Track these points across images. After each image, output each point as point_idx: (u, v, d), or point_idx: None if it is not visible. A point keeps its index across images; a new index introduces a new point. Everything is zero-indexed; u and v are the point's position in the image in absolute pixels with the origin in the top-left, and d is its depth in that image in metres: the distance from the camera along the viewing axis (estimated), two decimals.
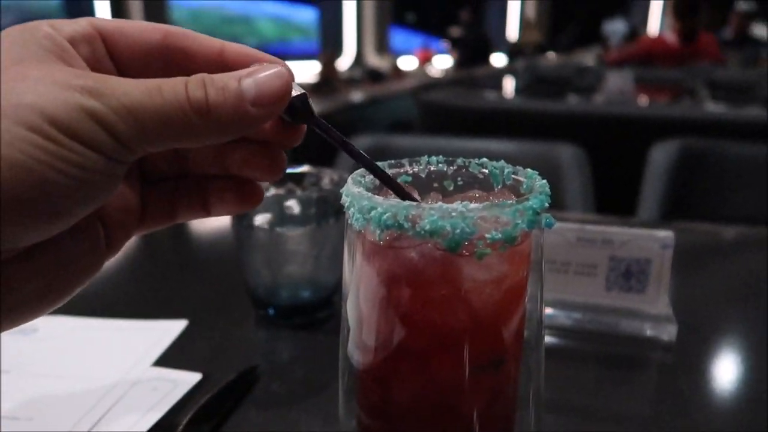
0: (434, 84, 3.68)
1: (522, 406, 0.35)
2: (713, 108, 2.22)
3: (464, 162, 0.36)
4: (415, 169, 0.37)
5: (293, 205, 0.60)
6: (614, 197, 1.37)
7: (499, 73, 4.80)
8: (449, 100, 2.22)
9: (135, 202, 0.31)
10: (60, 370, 0.50)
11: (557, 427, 0.47)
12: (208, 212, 0.33)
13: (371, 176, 0.34)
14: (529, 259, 0.32)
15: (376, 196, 0.29)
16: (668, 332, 0.59)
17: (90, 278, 0.29)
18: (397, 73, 6.06)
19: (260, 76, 0.27)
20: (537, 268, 0.33)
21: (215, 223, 0.99)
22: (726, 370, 0.56)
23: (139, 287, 0.74)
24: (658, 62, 3.90)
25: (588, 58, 5.85)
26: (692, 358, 0.57)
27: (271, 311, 0.63)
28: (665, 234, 0.59)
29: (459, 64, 6.87)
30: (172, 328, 0.57)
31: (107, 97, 0.23)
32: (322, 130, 0.30)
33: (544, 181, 0.31)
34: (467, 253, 0.29)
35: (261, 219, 0.60)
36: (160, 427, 0.43)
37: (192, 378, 0.48)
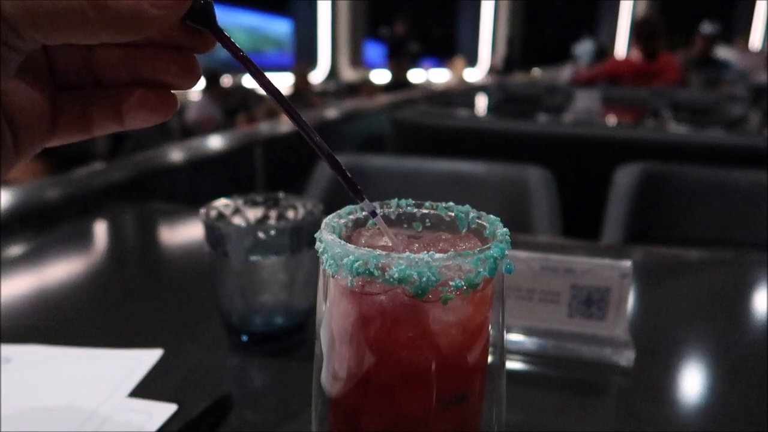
0: (408, 100, 3.72)
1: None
2: (676, 130, 2.30)
3: (432, 205, 0.39)
4: (386, 211, 0.39)
5: (267, 235, 0.61)
6: (580, 218, 1.41)
7: (472, 91, 4.87)
8: (421, 119, 2.25)
9: (44, 106, 0.31)
10: (34, 401, 0.50)
11: None
12: (121, 122, 0.33)
13: (345, 220, 0.36)
14: (491, 302, 0.34)
15: (349, 245, 0.31)
16: (626, 357, 0.62)
17: None
18: (369, 89, 6.11)
19: None
20: (498, 306, 0.35)
21: (189, 250, 1.00)
22: (682, 394, 0.59)
23: (114, 315, 0.74)
24: (624, 81, 4.05)
25: (561, 75, 5.98)
26: (649, 382, 0.60)
27: (244, 338, 0.65)
28: (624, 264, 0.62)
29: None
30: (147, 358, 0.57)
31: None
32: (222, 41, 0.31)
33: (506, 229, 0.34)
34: (433, 299, 0.31)
35: (235, 248, 0.61)
36: None
37: (168, 409, 0.49)
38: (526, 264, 0.64)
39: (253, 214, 0.66)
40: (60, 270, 0.90)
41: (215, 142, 2.08)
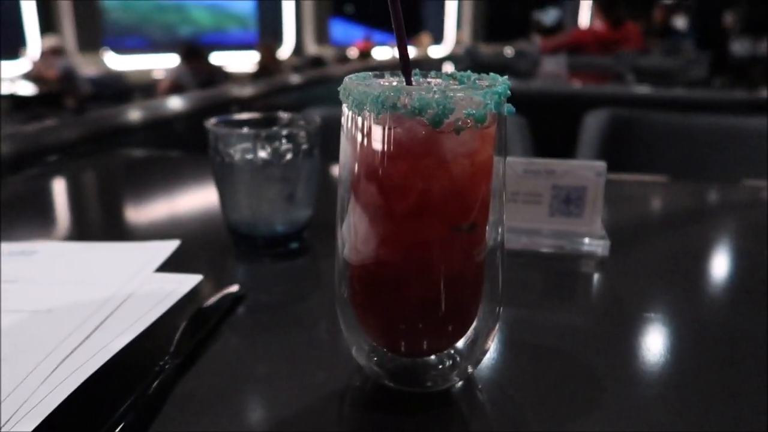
0: (377, 68, 3.74)
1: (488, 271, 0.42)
2: (638, 87, 2.39)
3: (436, 74, 0.43)
4: (395, 81, 0.43)
5: (269, 142, 0.65)
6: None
7: (440, 61, 4.92)
8: None
9: None
10: (62, 282, 0.53)
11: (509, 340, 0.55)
12: None
13: (363, 81, 0.40)
14: (494, 141, 0.39)
15: (372, 81, 0.36)
16: (603, 247, 0.68)
17: None
18: (342, 60, 6.11)
19: None
20: (500, 152, 0.40)
21: (193, 178, 1.03)
22: (651, 272, 0.66)
23: (124, 215, 0.77)
24: (589, 50, 4.14)
25: (525, 44, 6.06)
26: (624, 266, 0.66)
27: (249, 243, 0.69)
28: (599, 164, 0.68)
29: None
30: (166, 247, 0.61)
31: None
32: None
33: (506, 77, 0.39)
34: (447, 130, 0.36)
35: (239, 157, 0.65)
36: (167, 325, 0.48)
37: (194, 278, 0.53)
38: (510, 167, 0.69)
39: (255, 125, 0.69)
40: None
41: (177, 102, 1.99)
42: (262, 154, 0.64)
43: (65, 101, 5.86)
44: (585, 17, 11.52)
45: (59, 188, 1.07)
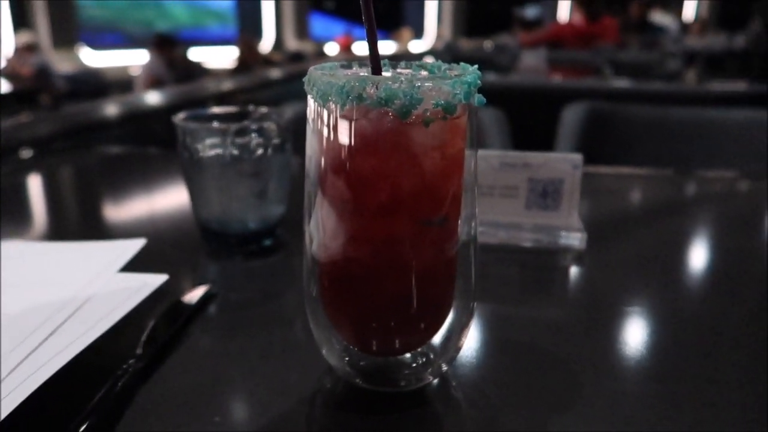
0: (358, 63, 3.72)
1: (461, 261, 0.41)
2: (616, 81, 2.40)
3: (406, 64, 0.42)
4: (363, 72, 0.42)
5: (240, 136, 0.63)
6: None
7: (420, 56, 4.90)
8: None
9: None
10: (23, 283, 0.51)
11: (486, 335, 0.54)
12: None
13: (329, 71, 0.39)
14: (465, 134, 0.38)
15: (338, 72, 0.34)
16: (580, 240, 0.67)
17: None
18: (321, 56, 6.08)
19: None
20: (472, 144, 0.39)
21: (168, 175, 1.01)
22: (627, 264, 0.65)
23: (95, 212, 0.75)
24: (567, 45, 4.17)
25: (505, 38, 6.08)
26: (600, 259, 0.66)
27: (220, 240, 0.67)
28: (575, 156, 0.67)
29: None
30: (132, 245, 0.59)
31: None
32: None
33: (476, 66, 0.37)
34: (416, 121, 0.34)
35: (209, 153, 0.63)
36: (133, 326, 0.47)
37: (160, 278, 0.52)
38: (486, 161, 0.68)
39: (225, 120, 0.68)
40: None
41: (154, 97, 1.97)
42: (232, 149, 0.62)
43: (40, 99, 5.75)
44: (564, 13, 11.59)
45: (33, 185, 1.04)
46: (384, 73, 0.40)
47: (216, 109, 0.70)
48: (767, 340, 0.49)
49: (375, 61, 0.37)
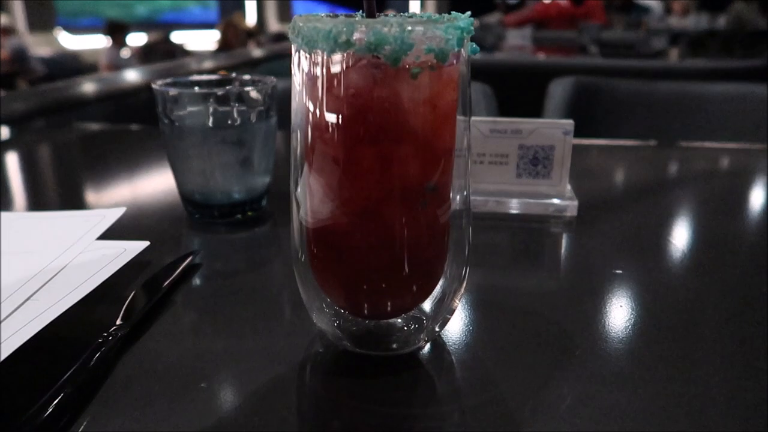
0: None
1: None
2: (602, 59, 2.40)
3: (395, 14, 0.40)
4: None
5: (223, 103, 0.61)
6: None
7: None
8: None
9: None
10: (2, 249, 0.49)
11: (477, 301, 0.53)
12: None
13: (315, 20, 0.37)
14: (457, 85, 0.36)
15: (324, 18, 0.33)
16: (571, 207, 0.66)
17: None
18: None
19: None
20: (464, 111, 0.37)
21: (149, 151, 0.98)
22: (619, 231, 0.65)
23: (75, 188, 0.73)
24: (552, 24, 4.15)
25: (488, 19, 6.04)
26: (592, 226, 0.65)
27: (204, 212, 0.65)
28: (566, 122, 0.66)
29: None
30: (111, 214, 0.57)
31: None
32: None
33: (468, 12, 0.36)
34: (406, 66, 0.33)
35: (190, 120, 0.61)
36: (116, 293, 0.45)
37: (141, 244, 0.50)
38: (476, 128, 0.67)
39: (207, 86, 0.66)
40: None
41: (134, 75, 1.92)
42: (214, 116, 0.60)
43: (17, 82, 5.63)
44: None
45: (11, 162, 1.00)
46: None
47: (197, 77, 0.67)
48: (754, 302, 0.48)
49: (369, 6, 0.35)
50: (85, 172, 0.94)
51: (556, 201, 0.67)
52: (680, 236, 0.66)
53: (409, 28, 0.32)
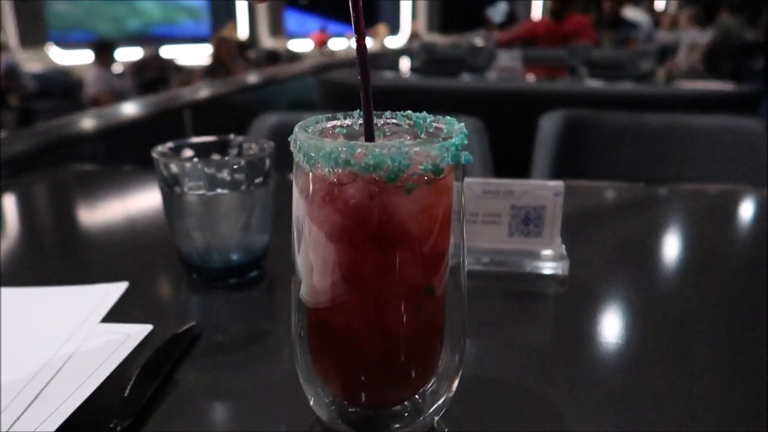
0: (332, 65, 3.70)
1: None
2: (591, 83, 2.43)
3: (392, 114, 0.42)
4: (348, 122, 0.41)
5: (221, 172, 0.62)
6: (510, 163, 1.48)
7: (396, 54, 4.90)
8: (351, 79, 2.27)
9: None
10: (7, 331, 0.50)
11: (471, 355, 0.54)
12: None
13: (313, 128, 0.38)
14: (451, 193, 0.38)
15: (325, 139, 0.34)
16: (562, 267, 0.68)
17: None
18: (294, 59, 6.02)
19: None
20: (458, 207, 0.39)
21: (144, 195, 0.99)
22: (610, 292, 0.66)
23: (75, 255, 0.74)
24: (541, 42, 4.20)
25: (477, 39, 6.10)
26: (583, 287, 0.67)
27: (203, 274, 0.66)
28: (556, 183, 0.68)
29: None
30: (114, 290, 0.58)
31: None
32: None
33: (462, 124, 0.37)
34: (401, 184, 0.34)
35: (191, 185, 0.62)
36: (117, 377, 0.46)
37: (144, 329, 0.51)
38: (469, 189, 0.69)
39: (206, 152, 0.67)
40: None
41: (131, 108, 1.95)
42: (214, 186, 0.62)
43: (8, 99, 5.62)
44: (537, 11, 11.66)
45: (8, 206, 1.01)
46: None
47: (196, 139, 0.69)
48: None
49: (369, 130, 0.37)
50: (80, 218, 0.95)
51: (547, 261, 0.68)
52: (670, 269, 0.67)
53: (406, 149, 0.33)
